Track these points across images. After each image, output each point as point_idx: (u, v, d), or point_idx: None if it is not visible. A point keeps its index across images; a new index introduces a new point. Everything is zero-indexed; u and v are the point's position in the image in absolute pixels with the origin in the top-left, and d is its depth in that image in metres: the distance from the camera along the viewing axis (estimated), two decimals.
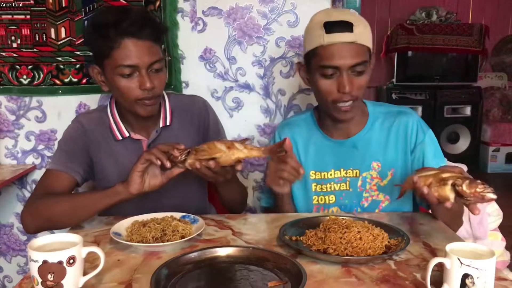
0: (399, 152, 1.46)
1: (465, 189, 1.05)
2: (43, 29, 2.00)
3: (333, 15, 1.33)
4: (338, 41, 1.30)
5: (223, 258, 1.09)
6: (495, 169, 4.95)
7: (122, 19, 1.31)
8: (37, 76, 2.05)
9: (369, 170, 1.46)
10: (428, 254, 1.12)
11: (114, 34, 1.30)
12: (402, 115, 1.47)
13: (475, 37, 4.73)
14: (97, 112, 1.55)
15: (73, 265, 0.93)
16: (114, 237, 1.17)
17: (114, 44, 1.31)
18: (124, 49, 1.31)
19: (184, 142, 1.49)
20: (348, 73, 1.33)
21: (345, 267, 1.05)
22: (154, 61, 1.35)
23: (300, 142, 1.52)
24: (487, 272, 0.87)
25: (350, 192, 1.47)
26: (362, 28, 1.33)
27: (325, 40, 1.31)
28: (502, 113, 5.14)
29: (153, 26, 1.36)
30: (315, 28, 1.34)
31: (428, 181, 1.13)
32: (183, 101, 1.59)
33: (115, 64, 1.33)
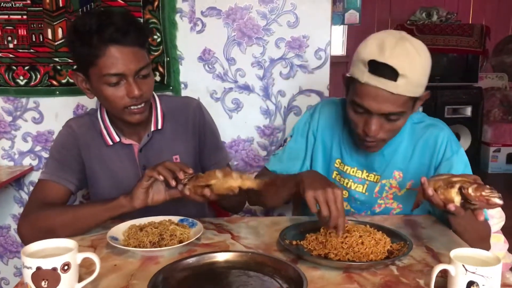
0: (423, 165, 1.40)
1: (471, 192, 1.03)
2: (40, 29, 1.98)
3: (385, 52, 1.16)
4: (376, 85, 1.18)
5: (222, 263, 1.06)
6: (496, 170, 4.93)
7: (105, 25, 1.24)
8: (34, 77, 2.03)
9: (390, 178, 1.41)
10: (431, 259, 1.10)
11: (98, 42, 1.24)
12: (433, 128, 1.40)
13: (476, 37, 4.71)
14: (87, 117, 1.50)
15: (67, 272, 0.90)
16: (110, 242, 1.15)
17: (98, 52, 1.25)
18: (109, 56, 1.26)
19: (178, 144, 1.49)
20: (379, 117, 1.23)
21: (346, 273, 1.03)
22: (141, 67, 1.30)
23: (338, 127, 1.46)
24: (493, 279, 0.85)
25: (366, 195, 1.43)
26: (411, 77, 1.17)
27: (364, 79, 1.20)
28: (502, 113, 5.12)
29: (138, 30, 1.30)
30: (361, 60, 1.21)
31: (437, 184, 1.10)
32: (176, 104, 1.54)
33: (100, 73, 1.27)
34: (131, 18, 1.34)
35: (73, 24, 1.31)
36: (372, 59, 1.18)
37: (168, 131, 1.49)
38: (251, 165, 2.14)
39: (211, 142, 1.56)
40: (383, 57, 1.16)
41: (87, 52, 1.26)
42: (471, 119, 4.83)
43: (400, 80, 1.17)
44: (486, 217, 1.22)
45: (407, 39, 1.20)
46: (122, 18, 1.29)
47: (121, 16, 1.30)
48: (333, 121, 1.47)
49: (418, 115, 1.43)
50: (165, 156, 1.46)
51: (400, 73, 1.16)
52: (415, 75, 1.18)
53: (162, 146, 1.47)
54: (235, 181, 1.14)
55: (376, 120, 1.24)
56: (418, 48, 1.20)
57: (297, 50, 2.04)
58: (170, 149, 1.48)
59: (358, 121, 1.28)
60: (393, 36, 1.20)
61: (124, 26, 1.26)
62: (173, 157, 1.48)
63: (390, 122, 1.25)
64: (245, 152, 2.13)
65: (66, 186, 1.39)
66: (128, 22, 1.29)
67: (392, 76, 1.16)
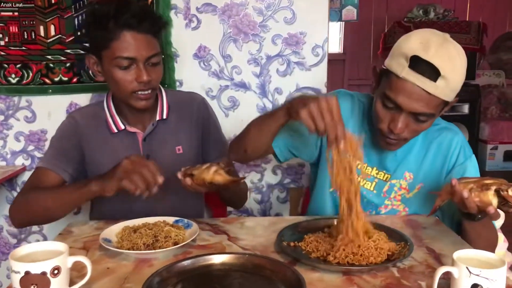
0: (435, 169, 1.37)
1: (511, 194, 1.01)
2: (31, 26, 1.94)
3: (429, 50, 1.14)
4: (414, 82, 1.15)
5: (218, 265, 1.04)
6: (493, 167, 4.92)
7: (123, 11, 1.31)
8: (26, 75, 1.99)
9: (401, 178, 1.39)
10: (433, 260, 1.07)
11: (113, 26, 1.30)
12: (447, 132, 1.39)
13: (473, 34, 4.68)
14: (92, 107, 1.56)
15: (57, 276, 0.87)
16: (103, 244, 1.12)
17: (113, 36, 1.31)
18: (123, 41, 1.31)
19: (181, 136, 1.53)
20: (408, 115, 1.20)
21: (346, 276, 1.00)
22: (152, 55, 1.35)
23: (353, 120, 1.42)
24: (498, 282, 0.82)
25: (374, 193, 1.40)
26: (451, 80, 1.15)
27: (402, 73, 1.16)
28: (500, 111, 5.11)
29: (152, 20, 1.37)
30: (403, 54, 1.17)
31: (468, 186, 1.06)
32: (181, 97, 1.58)
33: (113, 56, 1.32)
34: (147, 7, 1.48)
35: (91, 9, 1.41)
36: (415, 54, 1.14)
37: (172, 122, 1.52)
38: (248, 165, 2.11)
39: (214, 137, 1.59)
40: (427, 55, 1.13)
41: (103, 35, 1.32)
42: (469, 116, 4.81)
43: (439, 81, 1.14)
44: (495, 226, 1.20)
45: (451, 42, 1.18)
46: (139, 6, 1.38)
47: (138, 5, 1.40)
48: (348, 114, 1.42)
49: None
50: (168, 146, 1.50)
51: (441, 74, 1.13)
52: (454, 79, 1.16)
53: (166, 136, 1.50)
54: (208, 175, 1.18)
55: (404, 118, 1.20)
56: (460, 53, 1.18)
57: (294, 47, 2.01)
58: (174, 139, 1.51)
59: (384, 116, 1.24)
60: (439, 36, 1.17)
61: (140, 14, 1.33)
62: (176, 148, 1.51)
63: (417, 123, 1.22)
64: None
65: (60, 175, 1.41)
66: (145, 10, 1.37)
67: (433, 75, 1.14)
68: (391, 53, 1.23)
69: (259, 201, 2.17)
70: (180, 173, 1.23)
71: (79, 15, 1.93)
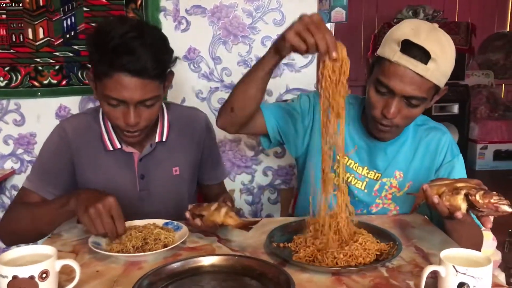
0: (424, 167, 1.40)
1: (479, 199, 1.00)
2: (20, 29, 1.93)
3: (420, 35, 1.18)
4: (406, 65, 1.18)
5: (208, 267, 1.04)
6: (483, 167, 4.96)
7: (124, 52, 1.16)
8: (14, 78, 1.98)
9: (391, 177, 1.40)
10: (421, 259, 1.08)
11: (108, 64, 1.18)
12: (436, 131, 1.41)
13: (462, 35, 4.73)
14: (86, 117, 1.42)
15: (46, 280, 0.87)
16: (92, 247, 1.11)
17: (106, 71, 1.19)
18: (115, 81, 1.19)
19: (180, 156, 1.46)
20: (400, 100, 1.22)
21: (335, 276, 1.00)
22: (146, 99, 1.23)
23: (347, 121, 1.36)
24: (484, 280, 0.83)
25: (365, 193, 1.41)
26: (441, 64, 1.18)
27: (394, 58, 1.19)
28: (489, 110, 5.15)
29: (157, 63, 1.21)
30: (394, 39, 1.21)
31: (440, 190, 1.07)
32: (183, 115, 1.49)
33: (103, 91, 1.22)
34: (157, 47, 1.22)
35: (97, 28, 1.26)
36: (406, 39, 1.18)
37: (171, 143, 1.44)
38: (239, 166, 2.12)
39: (213, 159, 1.55)
40: (418, 39, 1.17)
41: (97, 63, 1.22)
42: (458, 116, 4.85)
43: (430, 64, 1.17)
44: (479, 225, 1.20)
45: (441, 30, 1.22)
46: (147, 46, 1.19)
47: (148, 42, 1.20)
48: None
49: (422, 117, 1.42)
50: (165, 167, 1.43)
51: (432, 57, 1.17)
52: (444, 63, 1.20)
53: (163, 157, 1.43)
54: (219, 218, 1.17)
55: (397, 103, 1.22)
56: (449, 40, 1.23)
57: None
58: (171, 160, 1.45)
59: (377, 102, 1.26)
60: (428, 24, 1.22)
61: (143, 59, 1.18)
62: (173, 169, 1.45)
63: (409, 108, 1.24)
64: (232, 152, 2.11)
65: (43, 197, 1.34)
66: (151, 53, 1.20)
67: (424, 58, 1.17)
68: (383, 41, 1.27)
69: (250, 202, 2.18)
70: (188, 212, 1.21)
71: (67, 17, 1.93)
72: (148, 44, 1.20)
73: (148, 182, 1.42)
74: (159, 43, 1.25)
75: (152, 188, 1.43)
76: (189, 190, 1.51)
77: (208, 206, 1.21)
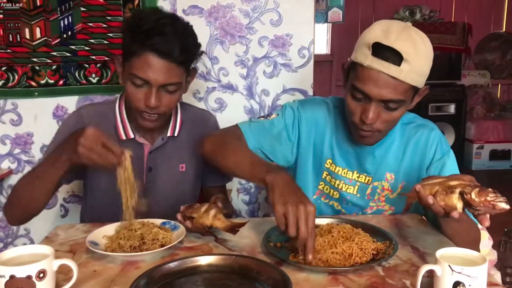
0: (414, 166, 1.38)
1: (474, 198, 0.96)
2: (17, 29, 1.93)
3: (390, 36, 1.14)
4: (379, 69, 1.15)
5: (205, 267, 1.04)
6: (480, 166, 4.97)
7: (155, 33, 1.25)
8: (11, 78, 1.97)
9: (382, 180, 1.39)
10: (417, 258, 1.09)
11: (139, 43, 1.26)
12: (424, 129, 1.38)
13: (458, 35, 4.74)
14: (103, 106, 1.49)
15: (43, 279, 0.87)
16: (90, 247, 1.11)
17: (136, 51, 1.27)
18: (142, 60, 1.27)
19: (188, 154, 1.50)
20: (378, 104, 1.20)
21: (332, 275, 1.01)
22: (169, 83, 1.30)
23: (329, 127, 1.41)
24: (479, 279, 0.84)
25: (357, 197, 1.40)
26: (414, 63, 1.15)
27: (366, 62, 1.16)
28: (485, 110, 5.16)
29: (184, 49, 1.30)
30: (365, 43, 1.18)
31: (434, 190, 1.03)
32: (195, 115, 1.56)
33: (130, 70, 1.29)
34: (186, 36, 1.32)
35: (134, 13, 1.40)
36: (377, 41, 1.15)
37: (182, 139, 1.49)
38: None
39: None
40: (388, 40, 1.14)
41: (128, 44, 1.28)
42: (455, 116, 4.86)
43: (403, 65, 1.14)
44: (476, 221, 1.18)
45: (413, 28, 1.19)
46: (177, 32, 1.28)
47: (178, 29, 1.29)
48: (324, 120, 1.42)
49: (409, 116, 1.41)
50: (173, 163, 1.48)
51: (404, 58, 1.13)
52: (419, 62, 1.16)
53: (173, 152, 1.48)
54: (208, 220, 1.17)
55: (374, 107, 1.20)
56: (423, 37, 1.19)
57: (280, 48, 2.02)
58: (179, 157, 1.49)
59: (355, 108, 1.24)
60: (399, 23, 1.19)
61: (172, 42, 1.26)
62: (180, 165, 1.49)
63: (388, 111, 1.21)
64: None
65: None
66: (180, 39, 1.29)
67: (396, 60, 1.14)
68: (356, 46, 1.24)
69: (247, 202, 2.18)
70: (180, 214, 1.22)
71: (64, 17, 1.93)
72: (179, 31, 1.29)
73: (155, 175, 1.46)
74: (189, 33, 1.35)
75: (158, 182, 1.46)
76: (193, 190, 1.54)
77: (198, 208, 1.21)
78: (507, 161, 4.99)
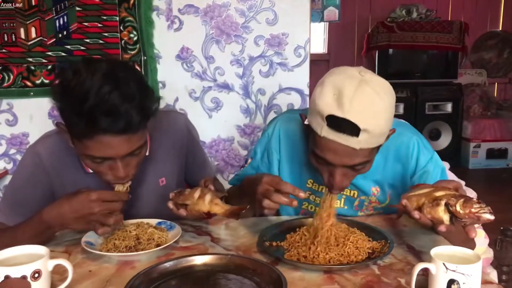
0: (397, 176, 1.33)
1: (459, 210, 0.93)
2: (12, 28, 1.93)
3: (344, 105, 1.04)
4: (336, 140, 1.07)
5: (200, 266, 1.04)
6: (476, 165, 4.98)
7: (101, 112, 1.03)
8: (6, 78, 1.97)
9: (369, 195, 1.35)
10: (412, 257, 1.09)
11: (87, 125, 1.04)
12: (402, 137, 1.31)
13: (455, 34, 4.75)
14: (58, 137, 1.27)
15: (38, 280, 0.87)
16: (85, 247, 1.11)
17: (85, 133, 1.06)
18: (96, 142, 1.07)
19: (164, 167, 1.41)
20: (342, 169, 1.13)
21: (327, 274, 1.01)
22: (132, 151, 1.13)
23: (302, 148, 1.36)
24: (473, 277, 0.84)
25: (345, 209, 1.38)
26: (373, 130, 1.06)
27: (322, 133, 1.08)
28: (482, 109, 5.17)
29: (141, 114, 1.08)
30: (318, 112, 1.09)
31: (420, 201, 1.00)
32: (163, 122, 1.39)
33: (83, 150, 1.11)
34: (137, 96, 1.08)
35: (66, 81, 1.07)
36: (330, 114, 1.06)
37: (154, 154, 1.35)
38: (232, 165, 2.12)
39: (199, 160, 1.51)
40: (341, 111, 1.04)
41: (74, 123, 1.07)
42: (452, 115, 4.88)
43: (362, 135, 1.05)
44: None
45: (367, 82, 1.06)
46: (126, 99, 1.05)
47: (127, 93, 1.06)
48: (297, 139, 1.37)
49: None
50: (151, 180, 1.38)
51: (362, 128, 1.05)
52: (378, 127, 1.08)
53: (147, 170, 1.37)
54: (205, 206, 1.13)
55: (340, 171, 1.14)
56: (379, 91, 1.07)
57: (276, 47, 2.02)
58: (156, 172, 1.39)
59: (322, 170, 1.18)
60: (351, 82, 1.06)
61: (124, 116, 1.05)
62: (159, 180, 1.40)
63: (354, 171, 1.16)
64: (225, 152, 2.11)
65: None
66: (132, 106, 1.06)
67: (353, 131, 1.05)
68: (309, 109, 1.16)
69: None
70: (171, 203, 1.17)
71: (60, 17, 1.93)
72: (128, 95, 1.06)
73: (135, 198, 1.34)
74: (139, 88, 1.10)
75: (139, 204, 1.37)
76: None
77: (190, 194, 1.16)
78: (504, 160, 4.99)
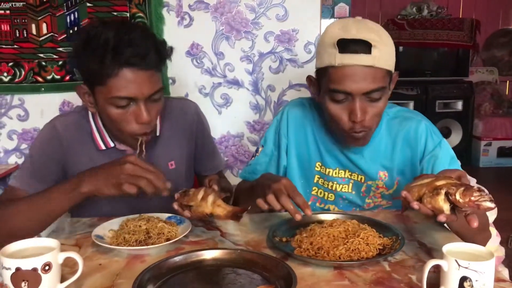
0: (407, 161, 1.33)
1: (459, 199, 0.91)
2: (23, 24, 1.94)
3: (351, 31, 1.14)
4: (351, 63, 1.13)
5: (210, 261, 1.04)
6: (487, 164, 4.94)
7: (123, 45, 1.13)
8: (18, 74, 1.98)
9: (376, 179, 1.35)
10: (424, 254, 1.08)
11: (111, 61, 1.13)
12: (411, 121, 1.34)
13: (466, 31, 4.71)
14: (75, 115, 1.37)
15: (48, 272, 0.87)
16: (95, 240, 1.11)
17: (111, 72, 1.14)
18: (122, 79, 1.15)
19: (174, 150, 1.44)
20: (361, 99, 1.17)
21: (337, 270, 1.00)
22: (154, 92, 1.20)
23: (312, 128, 1.39)
24: (486, 274, 0.83)
25: (353, 194, 1.38)
26: (383, 48, 1.14)
27: (336, 61, 1.13)
28: (493, 107, 5.13)
29: (157, 53, 1.20)
30: (328, 44, 1.15)
31: (422, 191, 0.99)
32: (174, 107, 1.45)
33: (109, 94, 1.17)
34: (152, 38, 1.22)
35: (86, 33, 1.18)
36: (340, 38, 1.14)
37: (164, 137, 1.41)
38: (241, 161, 2.12)
39: (208, 148, 1.53)
40: (350, 34, 1.14)
41: (98, 68, 1.15)
42: (462, 113, 4.84)
43: (374, 51, 1.13)
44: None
45: (367, 20, 1.21)
46: (142, 37, 1.18)
47: (142, 35, 1.19)
48: (305, 123, 1.40)
49: (393, 109, 1.37)
50: (160, 162, 1.40)
51: (373, 44, 1.13)
52: (385, 46, 1.17)
53: (157, 152, 1.40)
54: (207, 208, 1.14)
55: (359, 104, 1.18)
56: (378, 25, 1.21)
57: (286, 44, 2.01)
58: (166, 154, 1.42)
59: (340, 112, 1.21)
60: (351, 18, 1.20)
61: (144, 49, 1.16)
62: (169, 163, 1.43)
63: (373, 104, 1.19)
64: (235, 147, 2.11)
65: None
66: (149, 43, 1.19)
67: (366, 49, 1.13)
68: (317, 53, 1.23)
69: None
70: (176, 204, 1.18)
71: (71, 13, 1.93)
72: (144, 34, 1.19)
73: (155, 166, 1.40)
74: (152, 34, 1.25)
75: None
76: (187, 183, 1.50)
77: (194, 195, 1.17)
78: None
